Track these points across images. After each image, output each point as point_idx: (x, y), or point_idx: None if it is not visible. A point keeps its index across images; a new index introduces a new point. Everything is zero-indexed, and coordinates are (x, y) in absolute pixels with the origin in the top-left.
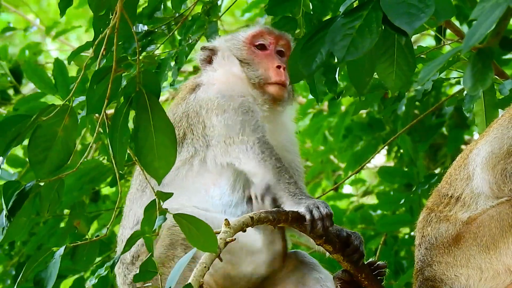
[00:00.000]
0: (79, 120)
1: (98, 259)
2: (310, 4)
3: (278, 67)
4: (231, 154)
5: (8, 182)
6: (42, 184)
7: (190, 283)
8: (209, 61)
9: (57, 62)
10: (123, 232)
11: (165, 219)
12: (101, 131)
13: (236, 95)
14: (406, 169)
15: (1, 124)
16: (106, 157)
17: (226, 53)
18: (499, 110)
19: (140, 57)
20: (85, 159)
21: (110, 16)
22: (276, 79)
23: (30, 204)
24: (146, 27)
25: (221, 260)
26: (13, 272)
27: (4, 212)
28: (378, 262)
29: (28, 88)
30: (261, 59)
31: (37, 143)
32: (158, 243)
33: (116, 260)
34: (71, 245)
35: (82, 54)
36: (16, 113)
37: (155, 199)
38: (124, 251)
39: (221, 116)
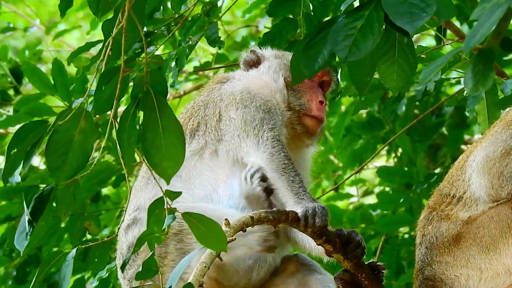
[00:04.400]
0: None
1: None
2: (311, 5)
3: (321, 102)
4: (243, 149)
5: (28, 187)
6: (59, 187)
7: (190, 282)
8: (251, 65)
9: (56, 63)
10: (124, 219)
11: (174, 218)
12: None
13: (262, 96)
14: (405, 169)
15: (19, 132)
16: (114, 158)
17: (274, 67)
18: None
19: (145, 58)
20: (92, 160)
21: (118, 18)
22: (316, 113)
23: (46, 207)
24: (145, 28)
25: (221, 259)
26: (15, 273)
27: (26, 218)
28: (377, 263)
29: (28, 88)
30: (305, 88)
31: (54, 148)
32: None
33: (127, 261)
34: (83, 246)
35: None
36: (21, 116)
37: (162, 196)
38: (134, 251)
39: (241, 110)
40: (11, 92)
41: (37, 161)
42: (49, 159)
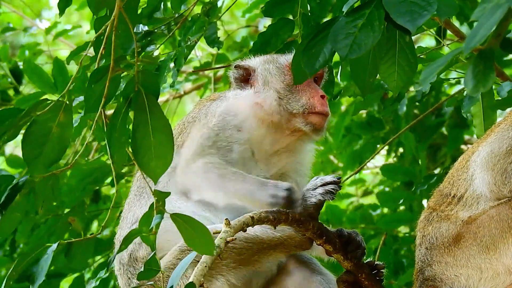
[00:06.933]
0: (79, 120)
1: (98, 257)
2: (308, 5)
3: (322, 96)
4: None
5: (1, 177)
6: (36, 180)
7: (192, 282)
8: (243, 80)
9: (56, 61)
10: (121, 232)
11: (162, 217)
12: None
13: (236, 122)
14: (408, 167)
15: None
16: (108, 157)
17: (263, 78)
18: (499, 110)
19: (139, 57)
20: (86, 159)
21: (111, 16)
22: (320, 109)
23: (24, 199)
24: (146, 28)
25: (221, 259)
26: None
27: None
28: (376, 262)
29: (28, 89)
30: (303, 86)
31: (31, 139)
32: (169, 264)
33: (112, 259)
34: (65, 241)
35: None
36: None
37: (156, 199)
38: (120, 249)
39: (200, 139)
40: (11, 92)
41: None
42: (25, 150)
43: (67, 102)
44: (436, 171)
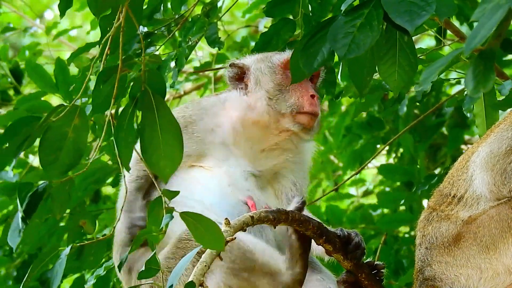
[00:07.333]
0: None
1: None
2: (309, 5)
3: (312, 96)
4: None
5: (22, 184)
6: (53, 185)
7: (192, 281)
8: (237, 78)
9: (58, 62)
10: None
11: (172, 217)
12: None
13: (206, 127)
14: (406, 167)
15: (11, 126)
16: (110, 157)
17: (255, 78)
18: (500, 111)
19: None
20: (88, 159)
21: (116, 16)
22: (309, 109)
23: (42, 205)
24: (145, 29)
25: (221, 259)
26: (15, 274)
27: (20, 214)
28: (376, 262)
29: (28, 89)
30: (293, 85)
31: (47, 144)
32: (168, 254)
33: (124, 259)
34: (78, 244)
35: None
36: (21, 113)
37: (160, 196)
38: (132, 249)
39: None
40: (11, 92)
41: (37, 162)
42: (41, 155)
43: (81, 107)
44: (436, 171)
